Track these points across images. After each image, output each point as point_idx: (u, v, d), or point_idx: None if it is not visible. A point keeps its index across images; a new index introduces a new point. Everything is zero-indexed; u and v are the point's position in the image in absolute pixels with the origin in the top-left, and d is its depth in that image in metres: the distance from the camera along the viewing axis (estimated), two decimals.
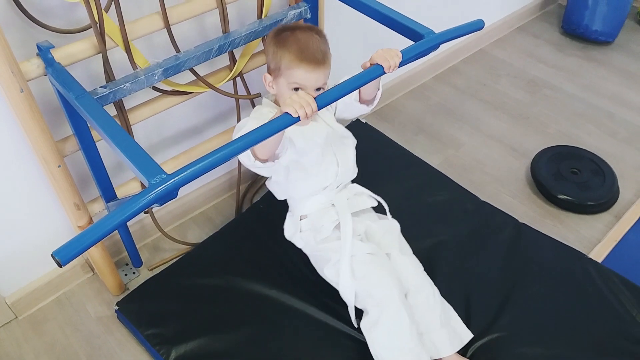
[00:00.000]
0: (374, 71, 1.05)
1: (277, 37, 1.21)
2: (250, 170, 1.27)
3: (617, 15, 2.42)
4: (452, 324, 1.30)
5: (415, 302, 1.27)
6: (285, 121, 0.95)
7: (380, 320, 1.21)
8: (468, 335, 1.31)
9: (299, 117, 0.95)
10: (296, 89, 1.18)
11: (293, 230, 1.39)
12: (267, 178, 1.37)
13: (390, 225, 1.39)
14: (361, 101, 1.31)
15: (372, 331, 1.23)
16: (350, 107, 1.33)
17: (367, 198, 1.38)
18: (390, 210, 1.45)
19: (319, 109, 0.98)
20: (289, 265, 1.48)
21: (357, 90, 1.26)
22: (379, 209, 1.43)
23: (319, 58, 1.16)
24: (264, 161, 1.15)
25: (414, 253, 1.40)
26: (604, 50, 2.50)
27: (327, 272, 1.31)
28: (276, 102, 1.29)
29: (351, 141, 1.38)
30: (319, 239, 1.31)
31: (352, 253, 1.26)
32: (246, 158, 1.15)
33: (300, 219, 1.35)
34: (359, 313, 1.29)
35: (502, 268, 1.48)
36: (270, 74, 1.23)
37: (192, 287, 1.44)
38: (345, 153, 1.35)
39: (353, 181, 1.42)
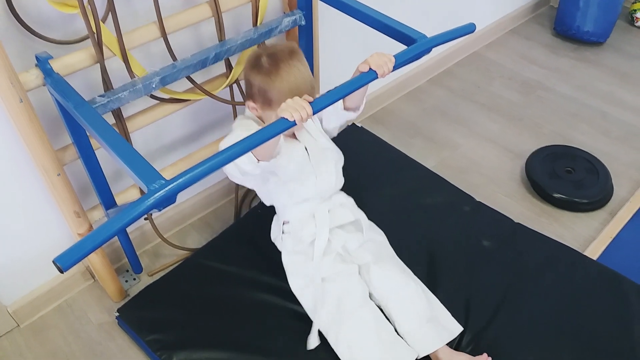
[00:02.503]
0: (367, 76, 1.07)
1: (260, 69, 1.19)
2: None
3: (608, 16, 2.45)
4: (440, 319, 1.33)
5: (395, 303, 1.31)
6: (282, 125, 0.96)
7: (341, 331, 1.27)
8: (457, 329, 1.33)
9: (294, 121, 0.97)
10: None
11: (277, 233, 1.42)
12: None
13: (370, 238, 1.41)
14: (346, 108, 1.32)
15: (338, 343, 1.28)
16: (335, 115, 1.34)
17: (349, 212, 1.39)
18: (386, 212, 1.47)
19: (314, 113, 1.00)
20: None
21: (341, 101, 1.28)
22: (373, 213, 1.44)
23: (309, 90, 1.17)
24: (265, 159, 1.15)
25: (410, 255, 1.42)
26: (596, 50, 2.53)
27: (292, 283, 1.37)
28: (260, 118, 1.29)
29: (333, 154, 1.37)
30: (296, 249, 1.37)
31: (322, 275, 1.32)
32: (232, 170, 1.17)
33: (283, 223, 1.39)
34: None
35: (499, 268, 1.49)
36: (253, 102, 1.23)
37: (192, 292, 1.45)
38: (325, 167, 1.33)
39: (343, 188, 1.43)
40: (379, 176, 1.77)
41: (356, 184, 1.49)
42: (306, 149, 1.31)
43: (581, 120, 2.14)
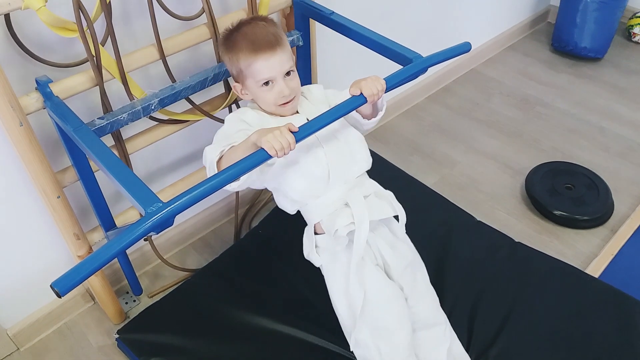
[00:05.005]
0: (356, 101, 1.06)
1: (226, 41, 1.14)
2: (248, 194, 1.26)
3: (605, 31, 2.46)
4: (454, 349, 1.29)
5: (425, 336, 1.25)
6: (261, 158, 0.94)
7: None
8: None
9: (275, 153, 0.93)
10: (267, 83, 1.10)
11: (309, 248, 1.22)
12: (269, 201, 1.33)
13: (410, 260, 1.27)
14: (363, 116, 1.21)
15: None
16: (355, 122, 1.23)
17: (388, 205, 1.22)
18: None
19: (297, 142, 0.96)
20: (289, 291, 1.49)
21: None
22: None
23: (272, 41, 1.08)
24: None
25: None
26: (594, 66, 2.54)
27: (334, 299, 1.22)
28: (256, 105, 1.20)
29: (338, 124, 1.19)
30: (336, 250, 1.19)
31: (364, 279, 1.16)
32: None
33: (316, 234, 1.21)
34: None
35: (500, 288, 1.48)
36: (237, 82, 1.16)
37: (192, 315, 1.45)
38: (331, 137, 1.18)
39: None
40: None
41: None
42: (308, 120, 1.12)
43: (580, 136, 2.15)
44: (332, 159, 1.16)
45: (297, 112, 1.19)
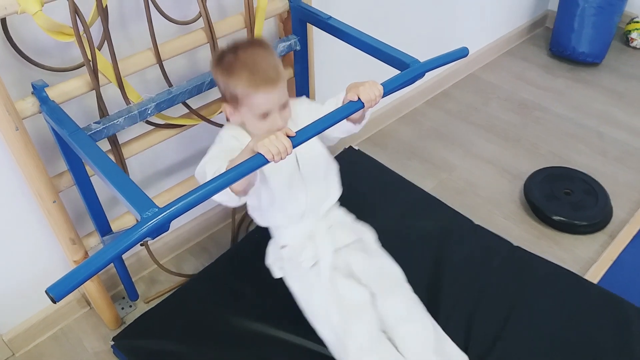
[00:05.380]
0: (353, 106, 1.05)
1: (221, 64, 1.12)
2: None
3: (602, 36, 2.47)
4: (446, 349, 1.30)
5: (405, 331, 1.25)
6: (257, 162, 0.92)
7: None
8: (463, 358, 1.30)
9: (272, 158, 0.92)
10: (263, 115, 1.11)
11: (273, 258, 1.35)
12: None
13: (384, 268, 1.34)
14: (348, 119, 1.18)
15: None
16: (339, 125, 1.20)
17: (350, 231, 1.33)
18: (384, 236, 1.46)
19: (294, 147, 0.95)
20: (286, 296, 1.47)
21: None
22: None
23: (273, 77, 1.08)
24: (241, 194, 1.10)
25: (408, 279, 1.40)
26: (592, 71, 2.55)
27: (304, 306, 1.31)
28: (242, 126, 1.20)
29: (324, 161, 1.28)
30: (297, 274, 1.30)
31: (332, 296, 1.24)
32: (223, 196, 1.08)
33: (282, 248, 1.32)
34: None
35: (498, 292, 1.48)
36: (227, 103, 1.15)
37: (188, 320, 1.44)
38: (315, 176, 1.25)
39: (344, 203, 1.37)
40: (376, 199, 1.76)
41: (353, 207, 1.48)
42: (297, 159, 1.23)
43: (578, 140, 2.15)
44: (311, 200, 1.26)
45: None
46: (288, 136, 0.95)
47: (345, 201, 1.42)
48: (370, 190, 1.79)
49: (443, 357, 1.26)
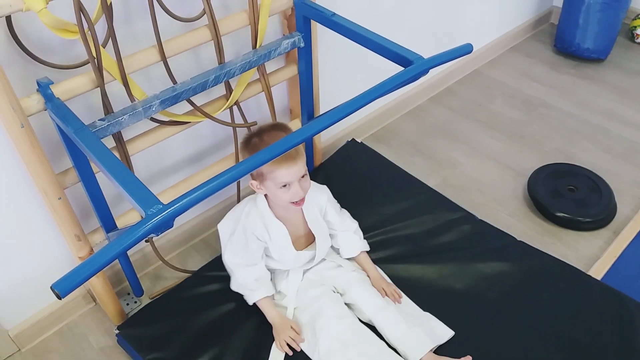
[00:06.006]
0: None
1: (248, 147, 1.30)
2: (250, 193, 1.34)
3: (607, 32, 2.46)
4: (430, 323, 1.36)
5: (380, 321, 1.35)
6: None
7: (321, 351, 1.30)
8: (447, 333, 1.35)
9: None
10: (284, 185, 1.27)
11: None
12: None
13: (350, 275, 1.45)
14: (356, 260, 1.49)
15: None
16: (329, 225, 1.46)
17: (325, 272, 1.46)
18: (387, 231, 1.46)
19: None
20: None
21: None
22: (373, 231, 1.44)
23: (292, 154, 1.23)
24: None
25: (410, 273, 1.41)
26: (596, 67, 2.53)
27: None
28: (267, 198, 1.36)
29: (320, 240, 1.43)
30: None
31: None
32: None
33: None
34: None
35: (501, 286, 1.48)
36: (254, 180, 1.31)
37: (192, 311, 1.45)
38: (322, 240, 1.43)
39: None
40: (379, 193, 1.76)
41: (356, 200, 1.49)
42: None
43: (583, 137, 2.14)
44: (299, 262, 1.42)
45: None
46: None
47: (346, 194, 1.42)
48: (374, 184, 1.80)
49: (426, 330, 1.32)
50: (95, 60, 1.13)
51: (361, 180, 1.78)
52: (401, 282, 1.47)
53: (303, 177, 1.29)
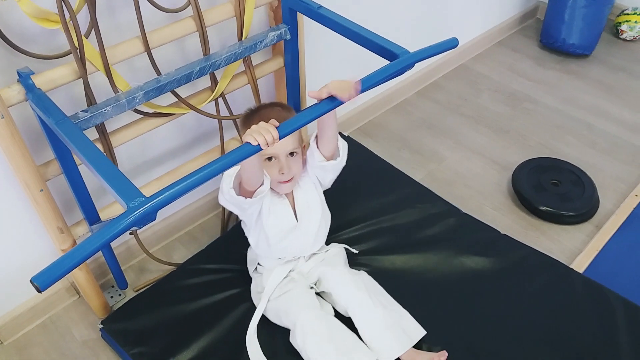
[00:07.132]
0: (331, 102, 1.06)
1: (245, 120, 1.31)
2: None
3: (592, 28, 2.47)
4: (402, 324, 1.32)
5: (355, 311, 1.32)
6: (246, 150, 0.96)
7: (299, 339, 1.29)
8: (419, 333, 1.32)
9: (259, 145, 0.97)
10: (270, 159, 1.25)
11: (250, 265, 1.51)
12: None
13: (326, 260, 1.45)
14: (324, 155, 1.32)
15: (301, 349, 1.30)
16: (323, 170, 1.36)
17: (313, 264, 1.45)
18: (372, 224, 1.46)
19: (281, 137, 0.99)
20: None
21: (319, 153, 1.31)
22: (359, 224, 1.43)
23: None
24: (250, 194, 1.21)
25: (395, 267, 1.41)
26: (581, 63, 2.55)
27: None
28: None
29: (321, 216, 1.40)
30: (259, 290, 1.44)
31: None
32: (230, 206, 1.25)
33: (258, 264, 1.46)
34: None
35: (485, 279, 1.49)
36: None
37: (177, 304, 1.44)
38: (309, 232, 1.39)
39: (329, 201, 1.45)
40: (365, 187, 1.77)
41: (342, 194, 1.49)
42: (295, 214, 1.36)
43: (567, 132, 2.16)
44: (300, 247, 1.40)
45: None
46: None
47: (332, 187, 1.42)
48: (360, 178, 1.80)
49: (397, 333, 1.29)
50: (78, 50, 1.11)
51: (347, 173, 1.78)
52: (385, 273, 1.48)
53: (292, 155, 1.27)
